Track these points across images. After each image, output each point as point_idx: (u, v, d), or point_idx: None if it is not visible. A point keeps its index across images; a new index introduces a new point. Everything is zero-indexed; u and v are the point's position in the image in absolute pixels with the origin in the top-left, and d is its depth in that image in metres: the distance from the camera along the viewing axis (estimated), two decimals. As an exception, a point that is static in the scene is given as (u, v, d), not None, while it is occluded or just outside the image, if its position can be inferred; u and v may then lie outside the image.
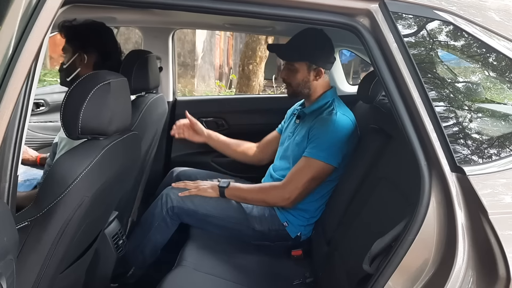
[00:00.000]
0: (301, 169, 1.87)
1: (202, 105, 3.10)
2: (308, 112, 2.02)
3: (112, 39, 1.88)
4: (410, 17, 1.14)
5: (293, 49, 1.95)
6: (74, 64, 1.77)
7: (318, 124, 1.90)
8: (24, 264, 1.04)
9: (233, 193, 1.97)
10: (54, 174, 1.07)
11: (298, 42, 1.95)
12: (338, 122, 1.87)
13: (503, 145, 1.17)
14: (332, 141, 1.84)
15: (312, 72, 1.95)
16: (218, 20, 2.35)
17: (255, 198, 1.96)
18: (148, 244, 1.97)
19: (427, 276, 1.10)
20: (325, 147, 1.83)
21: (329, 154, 1.83)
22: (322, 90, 2.02)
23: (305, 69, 1.94)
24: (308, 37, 1.94)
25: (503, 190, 1.10)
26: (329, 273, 1.63)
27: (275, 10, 1.13)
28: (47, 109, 3.03)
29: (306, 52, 1.92)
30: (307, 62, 1.93)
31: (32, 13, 0.86)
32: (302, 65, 1.94)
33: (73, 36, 1.78)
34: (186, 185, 2.03)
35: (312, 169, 1.85)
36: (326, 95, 2.01)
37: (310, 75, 1.96)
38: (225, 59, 12.74)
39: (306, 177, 1.85)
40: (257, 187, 1.99)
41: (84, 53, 1.76)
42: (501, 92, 1.26)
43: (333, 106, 1.95)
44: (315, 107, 2.00)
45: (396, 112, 1.13)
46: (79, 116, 1.10)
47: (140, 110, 1.76)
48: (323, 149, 1.83)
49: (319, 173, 1.86)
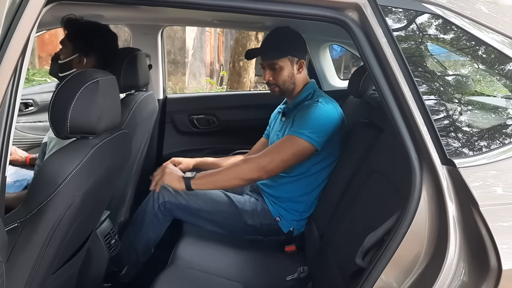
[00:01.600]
0: (281, 144, 1.85)
1: (192, 102, 3.09)
2: (292, 107, 2.03)
3: (115, 45, 1.86)
4: (399, 11, 1.14)
5: (271, 49, 1.95)
6: (70, 63, 1.73)
7: (301, 111, 1.90)
8: (14, 266, 1.03)
9: (201, 181, 1.81)
10: (43, 174, 1.06)
11: (273, 41, 1.96)
12: (321, 107, 1.87)
13: (492, 137, 1.17)
14: (314, 122, 1.83)
15: (295, 65, 1.96)
16: (208, 16, 2.34)
17: (227, 176, 1.82)
18: (141, 241, 1.97)
19: (419, 268, 1.11)
20: (307, 127, 1.81)
21: (310, 133, 1.80)
22: (302, 84, 2.03)
23: (288, 64, 1.94)
24: (279, 34, 1.96)
25: (493, 182, 1.10)
26: (322, 268, 1.63)
27: (264, 5, 1.13)
28: (36, 109, 3.00)
29: (285, 47, 1.93)
30: (289, 57, 1.93)
31: (16, 11, 0.85)
32: (284, 61, 1.93)
33: (76, 35, 1.74)
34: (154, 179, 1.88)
35: (292, 145, 1.81)
36: (307, 87, 2.02)
37: (294, 69, 1.96)
38: (216, 56, 12.70)
39: (285, 152, 1.81)
40: (228, 165, 1.92)
41: (84, 56, 1.73)
42: (490, 85, 1.27)
43: (315, 96, 1.97)
44: (298, 100, 2.01)
45: (387, 106, 1.13)
46: (68, 115, 1.09)
47: (130, 108, 1.74)
48: (305, 128, 1.81)
49: (299, 150, 1.81)
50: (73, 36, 1.74)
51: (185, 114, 2.88)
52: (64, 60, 1.73)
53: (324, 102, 1.90)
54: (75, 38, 1.74)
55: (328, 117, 1.86)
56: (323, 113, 1.85)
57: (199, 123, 2.89)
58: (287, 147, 1.82)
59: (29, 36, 0.86)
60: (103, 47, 1.78)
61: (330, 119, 1.86)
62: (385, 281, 1.11)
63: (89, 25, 1.77)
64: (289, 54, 1.93)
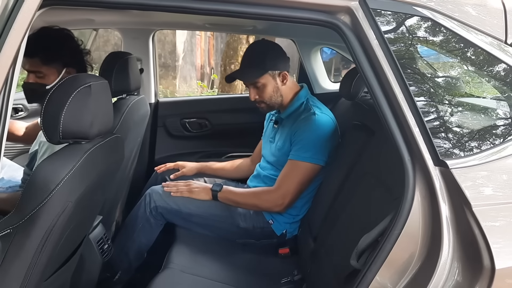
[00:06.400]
0: (289, 173, 1.88)
1: (184, 106, 3.08)
2: (285, 117, 2.03)
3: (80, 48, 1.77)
4: (390, 14, 1.15)
5: (250, 69, 1.92)
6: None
7: (299, 126, 1.90)
8: (7, 273, 1.02)
9: (226, 196, 1.94)
10: (36, 179, 1.05)
11: (250, 60, 1.94)
12: (319, 121, 1.88)
13: (483, 138, 1.19)
14: (315, 141, 1.85)
15: (278, 78, 1.93)
16: (199, 20, 2.34)
17: (248, 203, 1.95)
18: (133, 246, 1.96)
19: (414, 269, 1.12)
20: (310, 148, 1.84)
21: (314, 153, 1.84)
22: (292, 92, 2.01)
23: (270, 79, 1.92)
24: (255, 51, 1.96)
25: (485, 182, 1.12)
26: (316, 270, 1.63)
27: (255, 9, 1.13)
28: (26, 114, 2.97)
29: (262, 64, 1.90)
30: (269, 72, 1.90)
31: (9, 16, 0.85)
32: (266, 77, 1.91)
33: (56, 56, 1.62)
34: (177, 185, 2.00)
35: (300, 171, 1.86)
36: (299, 96, 2.01)
37: (277, 82, 1.94)
38: (207, 59, 12.69)
39: (296, 180, 1.86)
40: (250, 192, 1.98)
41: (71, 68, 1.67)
42: (479, 86, 1.28)
43: (309, 107, 1.95)
44: (291, 110, 2.00)
45: (379, 108, 1.14)
46: (60, 120, 1.08)
47: (122, 112, 1.74)
48: (307, 149, 1.84)
49: (308, 174, 1.87)
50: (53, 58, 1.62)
51: (177, 118, 2.87)
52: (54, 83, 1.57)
53: (319, 113, 1.91)
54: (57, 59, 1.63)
55: (328, 132, 1.89)
56: (322, 129, 1.87)
57: (191, 126, 2.88)
58: (297, 175, 1.87)
59: (22, 40, 0.85)
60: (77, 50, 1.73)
61: (329, 134, 1.89)
62: (380, 282, 1.12)
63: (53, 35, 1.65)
64: (269, 69, 1.90)
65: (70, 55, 1.68)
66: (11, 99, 0.93)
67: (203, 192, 1.96)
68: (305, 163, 1.85)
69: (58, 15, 1.83)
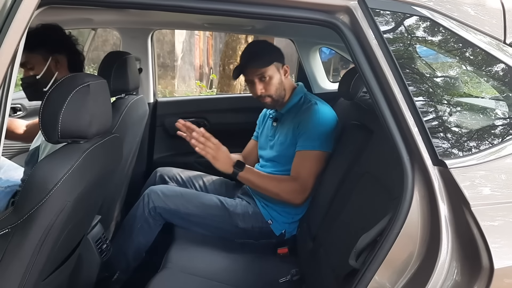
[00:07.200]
0: (301, 164, 1.90)
1: (183, 105, 3.08)
2: (285, 112, 2.04)
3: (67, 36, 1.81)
4: (389, 13, 1.15)
5: (258, 58, 1.95)
6: (49, 71, 1.68)
7: (302, 118, 1.93)
8: (5, 272, 1.02)
9: (247, 177, 1.89)
10: (34, 179, 1.05)
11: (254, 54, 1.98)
12: (322, 111, 1.93)
13: (482, 138, 1.19)
14: (320, 129, 1.89)
15: (281, 71, 1.99)
16: (198, 19, 2.34)
17: (268, 189, 1.91)
18: (131, 246, 1.95)
19: (412, 269, 1.12)
20: (316, 137, 1.87)
21: (322, 142, 1.88)
22: (291, 89, 2.06)
23: (276, 71, 1.96)
24: (257, 47, 2.04)
25: (483, 182, 1.11)
26: (315, 270, 1.63)
27: (254, 8, 1.13)
28: (25, 113, 2.96)
29: (267, 56, 1.95)
30: (274, 63, 1.95)
31: (7, 15, 0.84)
32: (272, 68, 1.94)
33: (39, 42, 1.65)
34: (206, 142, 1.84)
35: (312, 160, 1.89)
36: (297, 92, 2.05)
37: (281, 75, 1.99)
38: (205, 59, 12.69)
39: (311, 170, 1.88)
40: (272, 179, 1.95)
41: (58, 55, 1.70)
42: (478, 86, 1.28)
43: (309, 99, 2.00)
44: (290, 105, 2.03)
45: (378, 107, 1.14)
46: (59, 119, 1.08)
47: (121, 112, 1.73)
48: (315, 138, 1.87)
49: (320, 162, 1.90)
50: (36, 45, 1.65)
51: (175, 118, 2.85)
52: (42, 73, 1.66)
53: (320, 104, 1.96)
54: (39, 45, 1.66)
55: (331, 120, 1.93)
56: (326, 117, 1.92)
57: (189, 126, 2.87)
58: (310, 165, 1.89)
59: (20, 39, 0.85)
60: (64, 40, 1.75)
61: (332, 122, 1.94)
62: (378, 282, 1.12)
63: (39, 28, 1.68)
64: (274, 60, 1.95)
65: (54, 41, 1.70)
66: (9, 98, 0.93)
67: (227, 165, 1.87)
68: (315, 152, 1.88)
69: (57, 14, 1.83)
